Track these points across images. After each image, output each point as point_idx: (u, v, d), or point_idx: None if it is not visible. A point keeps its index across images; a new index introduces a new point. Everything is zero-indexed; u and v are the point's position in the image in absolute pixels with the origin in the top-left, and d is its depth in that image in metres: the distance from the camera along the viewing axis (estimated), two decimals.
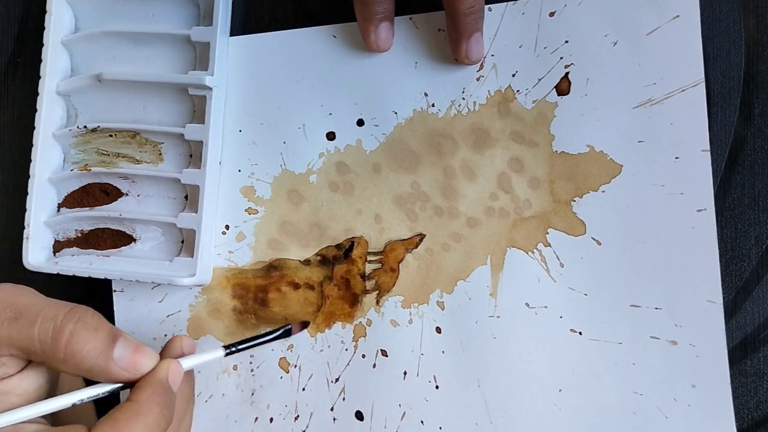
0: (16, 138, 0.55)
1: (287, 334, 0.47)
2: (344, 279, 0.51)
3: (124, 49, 0.53)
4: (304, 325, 0.50)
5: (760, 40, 0.47)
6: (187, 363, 0.43)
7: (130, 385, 0.41)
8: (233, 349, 0.45)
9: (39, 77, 0.53)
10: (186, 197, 0.53)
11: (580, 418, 0.47)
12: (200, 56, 0.52)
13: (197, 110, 0.52)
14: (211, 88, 0.51)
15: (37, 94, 0.53)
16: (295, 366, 0.51)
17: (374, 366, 0.50)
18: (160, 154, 0.53)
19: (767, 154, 0.46)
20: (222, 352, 0.44)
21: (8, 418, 0.38)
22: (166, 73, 0.53)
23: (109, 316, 0.53)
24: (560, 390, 0.47)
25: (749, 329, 0.46)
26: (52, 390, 0.42)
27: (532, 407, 0.48)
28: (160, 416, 0.39)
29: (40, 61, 0.53)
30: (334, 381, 0.51)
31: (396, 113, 0.50)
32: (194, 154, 0.52)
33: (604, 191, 0.47)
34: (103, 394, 0.41)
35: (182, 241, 0.53)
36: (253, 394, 0.52)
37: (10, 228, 0.56)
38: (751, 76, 0.47)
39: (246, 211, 0.52)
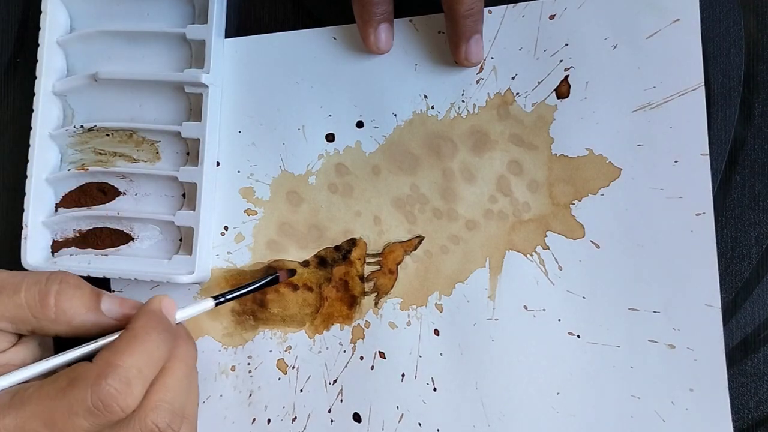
0: (16, 138, 0.55)
1: (275, 281, 0.49)
2: (343, 281, 0.51)
3: (119, 49, 0.53)
4: (291, 272, 0.51)
5: (760, 40, 0.47)
6: (178, 315, 0.45)
7: None
8: (223, 299, 0.47)
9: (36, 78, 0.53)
10: (183, 195, 0.53)
11: (577, 421, 0.47)
12: (196, 54, 0.52)
13: (194, 108, 0.52)
14: (207, 86, 0.51)
15: (34, 94, 0.52)
16: (293, 367, 0.51)
17: (372, 368, 0.50)
18: (157, 152, 0.53)
19: (767, 154, 0.46)
20: (212, 302, 0.46)
21: (9, 379, 0.39)
22: (162, 72, 0.53)
23: None
24: (558, 393, 0.47)
25: (749, 329, 0.46)
26: None
27: (529, 410, 0.48)
28: (158, 341, 0.40)
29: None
30: (332, 383, 0.51)
31: (395, 115, 0.50)
32: (191, 152, 0.52)
33: (603, 194, 0.47)
34: (97, 347, 0.42)
35: (180, 239, 0.53)
36: (250, 395, 0.52)
37: (8, 228, 0.56)
38: (751, 76, 0.47)
39: (245, 212, 0.52)
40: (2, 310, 0.40)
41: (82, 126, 0.53)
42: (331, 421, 0.51)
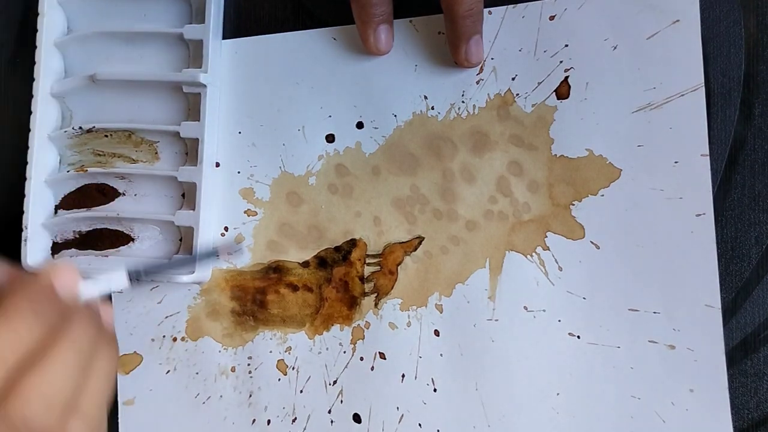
0: (15, 139, 0.55)
1: (213, 254, 0.47)
2: (343, 281, 0.51)
3: (117, 49, 0.53)
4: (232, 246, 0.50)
5: (760, 40, 0.47)
6: (83, 290, 0.38)
7: None
8: (136, 274, 0.40)
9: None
10: (183, 195, 0.53)
11: (577, 421, 0.47)
12: (193, 54, 0.52)
13: (192, 108, 0.52)
14: (205, 85, 0.51)
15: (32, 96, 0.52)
16: (293, 368, 0.51)
17: (372, 368, 0.50)
18: (156, 153, 0.53)
19: (767, 154, 0.46)
20: (125, 276, 0.40)
21: None
22: (160, 72, 0.53)
23: None
24: (558, 393, 0.47)
25: (749, 329, 0.46)
26: None
27: (529, 410, 0.48)
28: (32, 320, 0.32)
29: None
30: (332, 383, 0.51)
31: (395, 116, 0.50)
32: (190, 152, 0.52)
33: (603, 195, 0.47)
34: None
35: (180, 239, 0.53)
36: (250, 396, 0.52)
37: (8, 230, 0.55)
38: (751, 76, 0.47)
39: (245, 212, 0.52)
40: None
41: (80, 127, 0.53)
42: (331, 421, 0.51)
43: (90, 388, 0.35)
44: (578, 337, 0.47)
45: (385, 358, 0.50)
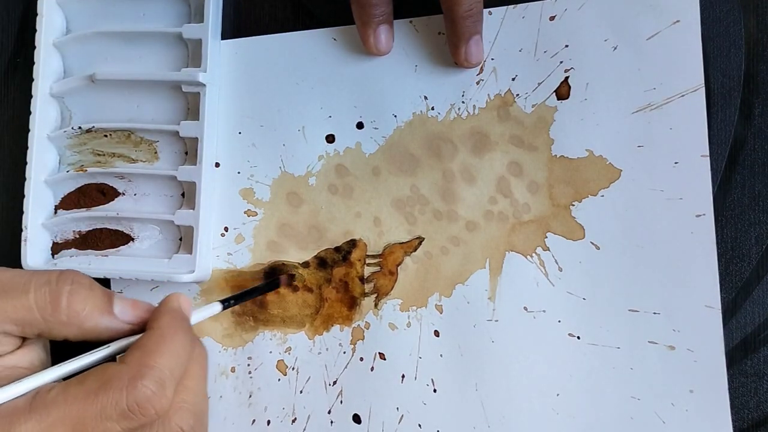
0: (15, 139, 0.55)
1: (276, 285, 0.50)
2: (343, 282, 0.51)
3: (116, 49, 0.53)
4: (291, 277, 0.51)
5: (760, 40, 0.47)
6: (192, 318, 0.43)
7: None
8: (228, 303, 0.45)
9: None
10: (183, 195, 0.53)
11: (577, 422, 0.47)
12: (192, 53, 0.52)
13: (191, 107, 0.52)
14: (204, 85, 0.51)
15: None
16: (293, 368, 0.51)
17: (372, 369, 0.50)
18: (156, 152, 0.53)
19: (767, 154, 0.46)
20: (219, 306, 0.45)
21: (32, 382, 0.37)
22: (159, 72, 0.53)
23: None
24: (558, 394, 0.47)
25: (749, 329, 0.46)
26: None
27: (529, 411, 0.48)
28: (183, 341, 0.38)
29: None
30: (331, 384, 0.51)
31: (395, 116, 0.50)
32: (189, 152, 0.52)
33: (603, 196, 0.47)
34: (121, 348, 0.40)
35: (180, 239, 0.53)
36: (250, 396, 0.52)
37: (8, 230, 0.55)
38: (751, 76, 0.47)
39: (245, 213, 0.52)
40: (9, 312, 0.37)
41: (80, 127, 0.53)
42: (331, 422, 0.51)
43: (206, 399, 0.41)
44: (578, 337, 0.47)
45: (384, 359, 0.50)
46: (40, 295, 0.37)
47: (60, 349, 0.42)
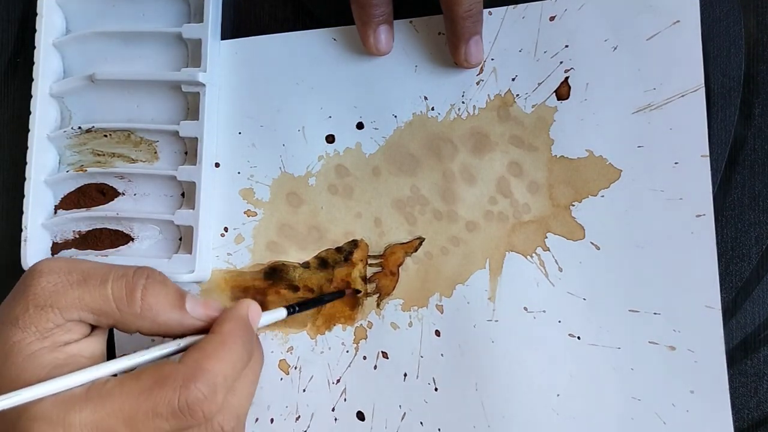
0: (15, 139, 0.55)
1: (341, 295, 0.50)
2: (345, 282, 0.51)
3: (115, 49, 0.53)
4: (356, 291, 0.51)
5: (760, 40, 0.47)
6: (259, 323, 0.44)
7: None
8: (294, 310, 0.47)
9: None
10: (182, 195, 0.53)
11: (577, 423, 0.47)
12: (192, 53, 0.52)
13: (191, 107, 0.52)
14: (204, 84, 0.51)
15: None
16: (295, 367, 0.52)
17: (375, 367, 0.50)
18: (155, 152, 0.53)
19: (767, 154, 0.46)
20: (284, 312, 0.46)
21: (94, 373, 0.37)
22: (159, 72, 0.53)
23: None
24: (558, 395, 0.48)
25: (749, 329, 0.46)
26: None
27: (529, 412, 0.48)
28: (243, 349, 0.39)
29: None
30: (335, 382, 0.51)
31: (396, 117, 0.50)
32: (189, 152, 0.52)
33: (603, 196, 0.47)
34: (179, 348, 0.40)
35: (180, 239, 0.53)
36: None
37: (8, 230, 0.55)
38: (751, 76, 0.47)
39: (245, 213, 0.52)
40: (88, 300, 0.38)
41: (79, 127, 0.53)
42: (335, 419, 0.51)
43: (249, 406, 0.42)
44: (578, 338, 0.47)
45: (387, 358, 0.50)
46: (117, 287, 0.39)
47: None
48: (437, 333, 0.49)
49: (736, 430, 0.46)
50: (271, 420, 0.52)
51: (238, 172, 0.52)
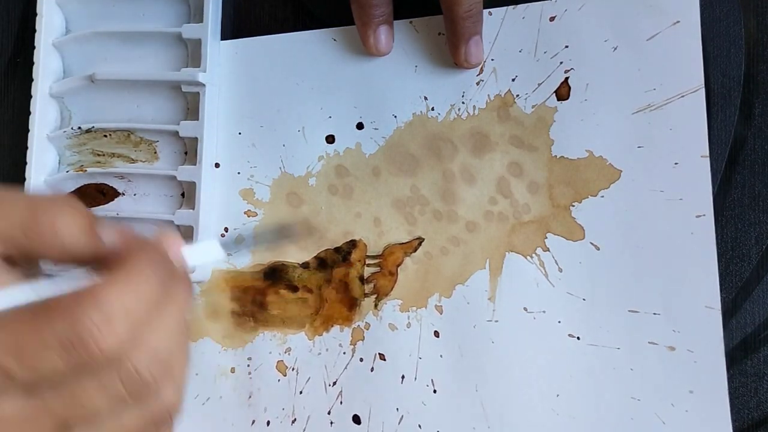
0: (15, 139, 0.55)
1: (288, 232, 0.42)
2: (343, 282, 0.51)
3: (115, 49, 0.53)
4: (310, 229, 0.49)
5: (760, 40, 0.47)
6: (185, 254, 0.37)
7: None
8: (228, 241, 0.39)
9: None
10: (182, 195, 0.53)
11: (577, 423, 0.47)
12: (192, 53, 0.52)
13: (191, 107, 0.52)
14: (204, 84, 0.51)
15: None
16: (293, 369, 0.51)
17: (372, 370, 0.50)
18: (155, 152, 0.53)
19: (767, 154, 0.46)
20: (217, 244, 0.38)
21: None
22: (159, 72, 0.53)
23: None
24: (558, 395, 0.47)
25: (749, 329, 0.46)
26: None
27: (529, 412, 0.48)
28: (153, 280, 0.33)
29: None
30: (331, 384, 0.51)
31: (396, 117, 0.50)
32: (189, 152, 0.53)
33: (603, 196, 0.47)
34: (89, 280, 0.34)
35: None
36: (250, 397, 0.52)
37: None
38: (751, 76, 0.47)
39: (245, 213, 0.52)
40: None
41: (79, 127, 0.53)
42: (331, 423, 0.51)
43: (180, 353, 0.36)
44: (578, 338, 0.47)
45: (384, 359, 0.50)
46: (22, 209, 0.35)
47: None
48: (436, 334, 0.49)
49: (736, 430, 0.46)
50: (268, 422, 0.51)
51: (238, 173, 0.52)
